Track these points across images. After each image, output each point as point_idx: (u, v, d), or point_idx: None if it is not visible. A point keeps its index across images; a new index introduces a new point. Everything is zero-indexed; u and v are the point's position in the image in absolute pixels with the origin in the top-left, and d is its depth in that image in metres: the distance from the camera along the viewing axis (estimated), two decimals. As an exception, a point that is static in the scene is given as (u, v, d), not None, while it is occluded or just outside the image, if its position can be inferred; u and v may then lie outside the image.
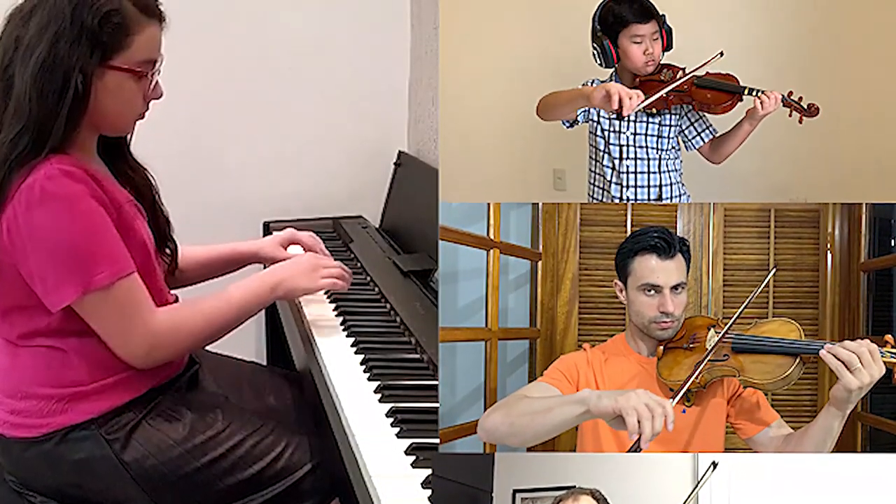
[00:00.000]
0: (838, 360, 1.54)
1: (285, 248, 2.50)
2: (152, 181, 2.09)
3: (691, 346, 1.90)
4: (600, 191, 2.56)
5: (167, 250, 2.13)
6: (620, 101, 2.19)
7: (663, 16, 2.45)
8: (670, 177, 2.50)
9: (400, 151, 3.66)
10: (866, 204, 3.11)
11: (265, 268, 2.43)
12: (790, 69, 3.16)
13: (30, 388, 1.87)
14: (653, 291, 1.91)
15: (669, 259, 1.93)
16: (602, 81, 2.56)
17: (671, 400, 1.46)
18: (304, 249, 2.52)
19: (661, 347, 1.92)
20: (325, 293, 2.58)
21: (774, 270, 2.71)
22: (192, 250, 2.33)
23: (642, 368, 1.94)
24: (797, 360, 1.67)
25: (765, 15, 3.23)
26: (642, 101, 2.24)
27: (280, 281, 2.11)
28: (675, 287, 1.92)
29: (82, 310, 1.79)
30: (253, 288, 2.06)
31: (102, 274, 1.74)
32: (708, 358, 1.78)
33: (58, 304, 1.77)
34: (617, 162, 2.50)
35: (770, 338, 1.75)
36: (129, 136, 2.03)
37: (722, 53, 2.37)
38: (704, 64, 2.38)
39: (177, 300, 2.10)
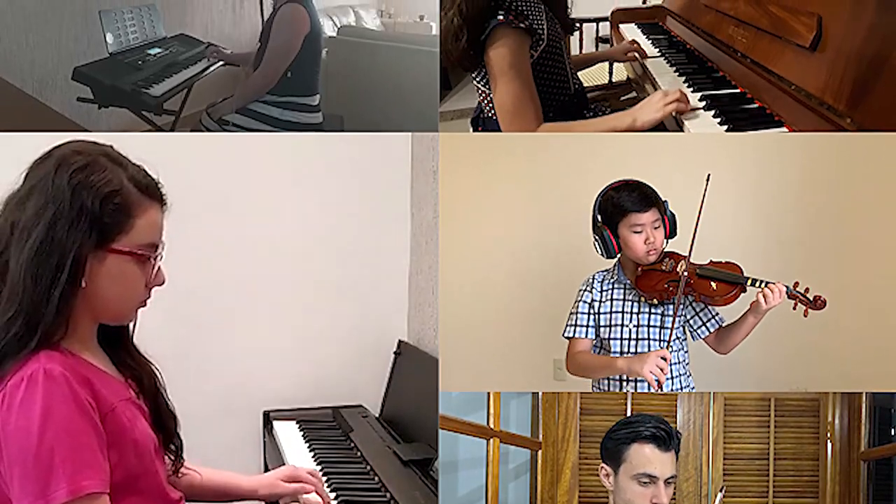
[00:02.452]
0: None
1: (287, 483, 2.38)
2: (157, 375, 1.98)
3: None
4: (605, 381, 2.55)
5: (172, 447, 1.99)
6: (655, 377, 2.23)
7: (665, 202, 2.48)
8: (673, 369, 2.48)
9: (400, 341, 3.68)
10: (866, 393, 3.11)
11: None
12: (791, 259, 3.22)
13: None
14: (648, 481, 1.90)
15: (667, 451, 1.92)
16: (605, 271, 2.59)
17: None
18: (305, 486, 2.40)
19: None
20: (328, 484, 2.54)
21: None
22: (188, 471, 2.16)
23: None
24: None
25: (771, 204, 3.30)
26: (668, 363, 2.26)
27: None
28: (668, 479, 1.91)
29: None
30: None
31: (61, 491, 1.58)
32: None
33: None
34: (620, 354, 2.50)
35: None
36: (132, 327, 1.93)
37: (708, 178, 2.37)
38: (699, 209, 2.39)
39: (181, 500, 2.01)
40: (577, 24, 3.34)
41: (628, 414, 3.08)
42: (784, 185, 3.38)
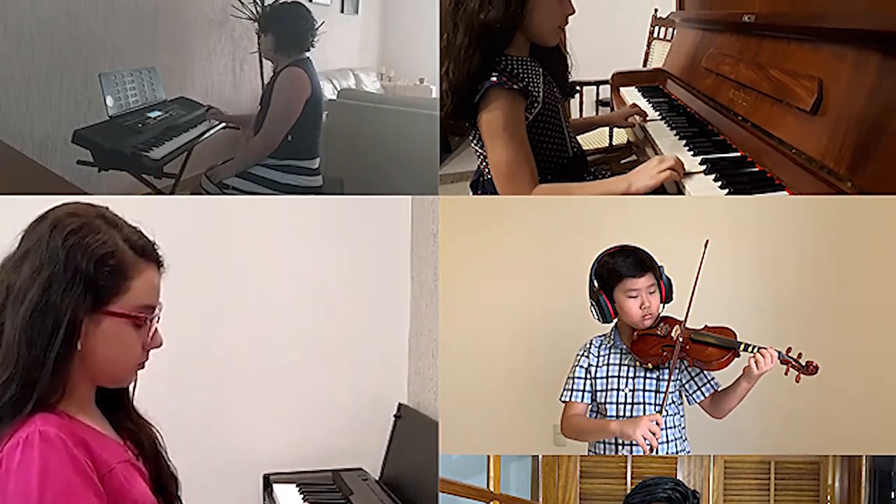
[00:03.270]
0: None
1: None
2: (157, 437, 1.94)
3: None
4: (601, 444, 2.53)
5: None
6: (647, 441, 2.23)
7: (661, 267, 2.48)
8: (668, 433, 2.46)
9: (400, 404, 3.65)
10: (866, 456, 3.09)
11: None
12: (790, 323, 3.21)
13: None
14: None
15: None
16: (602, 336, 2.58)
17: None
18: None
19: None
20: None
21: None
22: None
23: None
24: None
25: (770, 268, 3.30)
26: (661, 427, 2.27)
27: None
28: None
29: None
30: None
31: None
32: None
33: None
34: (616, 417, 2.48)
35: None
36: (132, 388, 1.89)
37: (707, 244, 2.37)
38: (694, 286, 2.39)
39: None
40: (577, 88, 3.35)
41: (628, 477, 3.06)
42: (784, 249, 3.38)
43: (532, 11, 2.42)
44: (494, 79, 2.36)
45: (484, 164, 2.56)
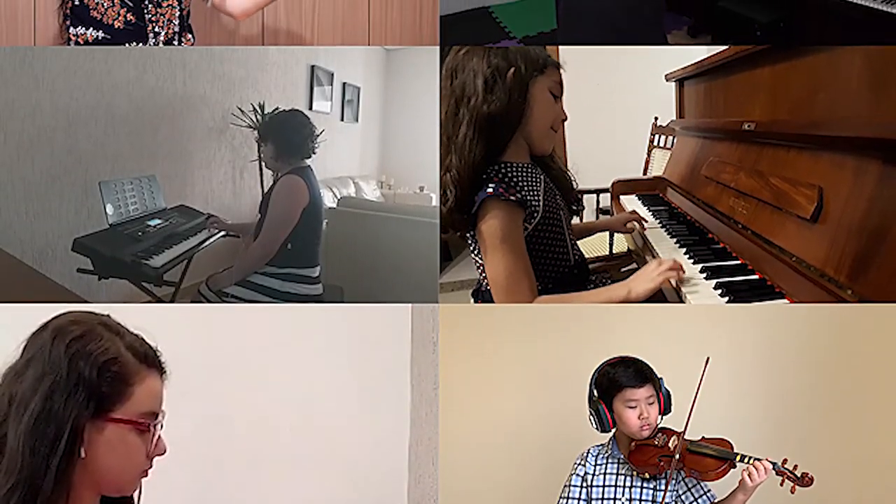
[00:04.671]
0: None
1: None
2: None
3: None
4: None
5: None
6: None
7: (661, 379, 2.47)
8: None
9: (399, 514, 3.61)
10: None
11: None
12: (789, 433, 3.18)
13: None
14: None
15: None
16: (601, 445, 2.56)
17: None
18: None
19: None
20: None
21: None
22: None
23: None
24: None
25: (770, 376, 3.28)
26: None
27: None
28: None
29: None
30: None
31: None
32: None
33: None
34: None
35: None
36: (136, 497, 1.88)
37: (707, 360, 2.35)
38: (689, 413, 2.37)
39: None
40: (583, 204, 3.38)
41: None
42: (784, 358, 3.35)
43: (529, 107, 2.48)
44: (491, 190, 2.37)
45: (483, 274, 2.56)
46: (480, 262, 2.55)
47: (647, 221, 3.36)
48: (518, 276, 2.40)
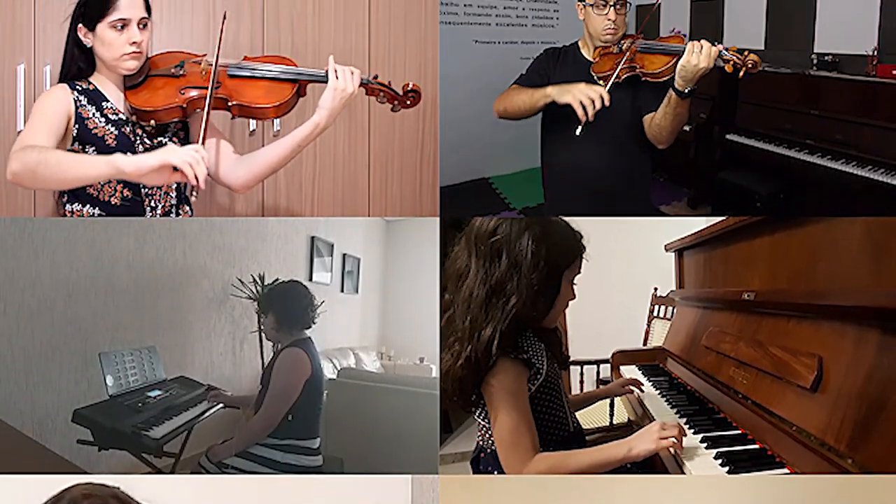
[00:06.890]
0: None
1: None
2: None
3: None
4: None
5: None
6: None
7: None
8: None
9: None
10: None
11: None
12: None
13: None
14: None
15: None
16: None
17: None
18: None
19: None
20: None
21: None
22: None
23: None
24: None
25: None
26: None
27: None
28: None
29: None
30: None
31: None
32: None
33: None
34: None
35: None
36: None
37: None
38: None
39: None
40: (578, 364, 3.40)
41: None
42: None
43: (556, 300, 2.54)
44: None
45: (487, 435, 2.57)
46: (483, 422, 2.57)
47: (642, 384, 3.38)
48: (522, 432, 2.42)
